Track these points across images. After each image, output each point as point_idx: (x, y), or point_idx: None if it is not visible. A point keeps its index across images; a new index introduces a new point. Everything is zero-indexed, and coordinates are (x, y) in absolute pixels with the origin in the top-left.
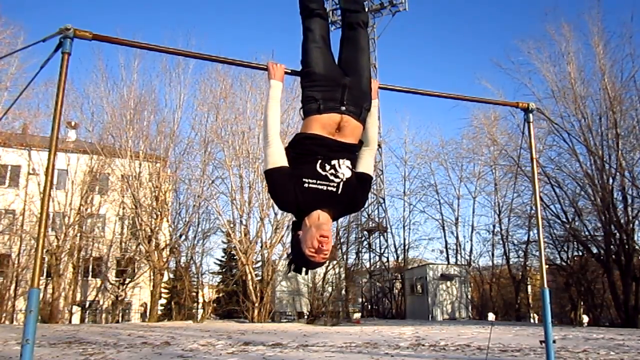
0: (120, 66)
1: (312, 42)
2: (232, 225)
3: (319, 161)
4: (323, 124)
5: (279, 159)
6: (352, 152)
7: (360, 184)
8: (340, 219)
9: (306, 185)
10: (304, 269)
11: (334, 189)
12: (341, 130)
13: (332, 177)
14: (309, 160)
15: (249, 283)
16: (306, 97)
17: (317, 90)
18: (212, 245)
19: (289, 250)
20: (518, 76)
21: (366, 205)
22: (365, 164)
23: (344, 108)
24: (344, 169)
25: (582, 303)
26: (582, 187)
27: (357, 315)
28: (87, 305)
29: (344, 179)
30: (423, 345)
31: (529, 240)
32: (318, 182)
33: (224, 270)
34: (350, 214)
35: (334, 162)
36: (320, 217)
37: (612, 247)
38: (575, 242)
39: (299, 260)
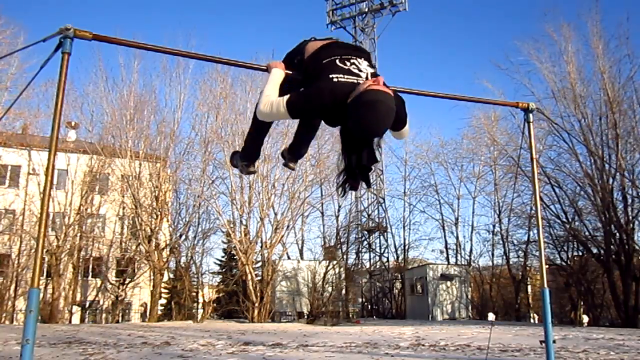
0: (120, 66)
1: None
2: (232, 225)
3: (337, 59)
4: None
5: (279, 93)
6: (364, 53)
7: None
8: (340, 219)
9: (335, 79)
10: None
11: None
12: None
13: (356, 71)
14: (328, 64)
15: (249, 283)
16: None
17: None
18: (212, 245)
19: (340, 165)
20: (518, 76)
21: (366, 205)
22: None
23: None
24: (365, 66)
25: (582, 303)
26: (582, 187)
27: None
28: (87, 305)
29: (369, 74)
30: (423, 345)
31: (529, 240)
32: (346, 76)
33: (224, 270)
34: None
35: (353, 59)
36: None
37: (612, 247)
38: (575, 242)
39: (358, 110)
